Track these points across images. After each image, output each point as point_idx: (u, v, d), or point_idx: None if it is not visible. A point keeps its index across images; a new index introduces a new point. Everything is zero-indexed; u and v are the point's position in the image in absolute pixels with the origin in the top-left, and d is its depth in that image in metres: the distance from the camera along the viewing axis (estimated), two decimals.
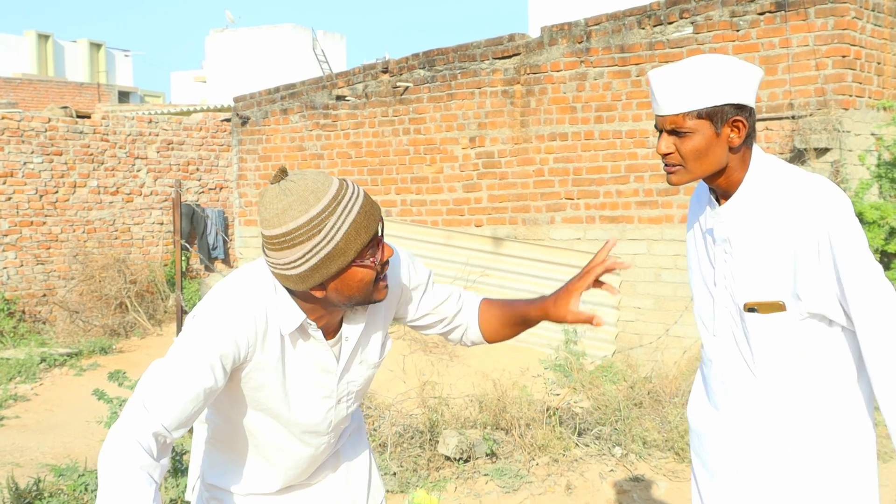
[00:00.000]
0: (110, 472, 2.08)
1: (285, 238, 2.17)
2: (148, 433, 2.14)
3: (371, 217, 2.22)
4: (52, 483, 5.25)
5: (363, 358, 2.49)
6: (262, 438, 2.48)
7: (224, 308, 2.27)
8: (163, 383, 2.20)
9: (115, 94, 35.00)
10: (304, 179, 2.19)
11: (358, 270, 2.23)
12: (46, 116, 13.78)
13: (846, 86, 8.49)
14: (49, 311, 13.54)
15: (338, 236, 2.17)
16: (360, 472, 2.74)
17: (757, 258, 2.41)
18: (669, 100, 2.34)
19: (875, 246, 8.00)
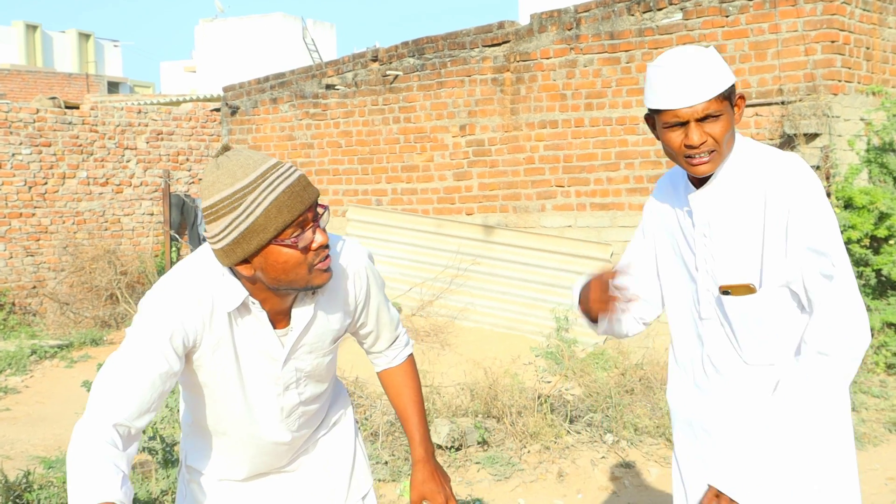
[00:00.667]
0: (76, 468, 2.11)
1: (211, 210, 2.21)
2: (109, 426, 2.18)
3: (298, 198, 2.21)
4: (42, 475, 5.24)
5: (313, 346, 2.48)
6: (225, 425, 2.53)
7: (167, 293, 2.32)
8: (118, 374, 2.24)
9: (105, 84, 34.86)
10: (238, 156, 2.23)
11: (281, 251, 2.23)
12: (35, 107, 13.72)
13: (835, 71, 8.48)
14: (39, 302, 13.51)
15: (257, 212, 2.18)
16: (341, 462, 2.74)
17: (732, 240, 2.47)
18: (700, 87, 2.37)
19: (865, 230, 8.01)
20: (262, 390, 2.48)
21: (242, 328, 2.38)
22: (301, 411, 2.56)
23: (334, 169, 12.06)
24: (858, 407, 7.03)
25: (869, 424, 6.75)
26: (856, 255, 8.16)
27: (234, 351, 2.40)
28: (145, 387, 2.24)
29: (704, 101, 2.37)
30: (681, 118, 2.40)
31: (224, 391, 2.46)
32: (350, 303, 2.52)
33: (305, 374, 2.51)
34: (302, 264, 2.25)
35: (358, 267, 2.51)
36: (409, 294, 11.01)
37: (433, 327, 10.49)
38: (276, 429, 2.54)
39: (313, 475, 2.70)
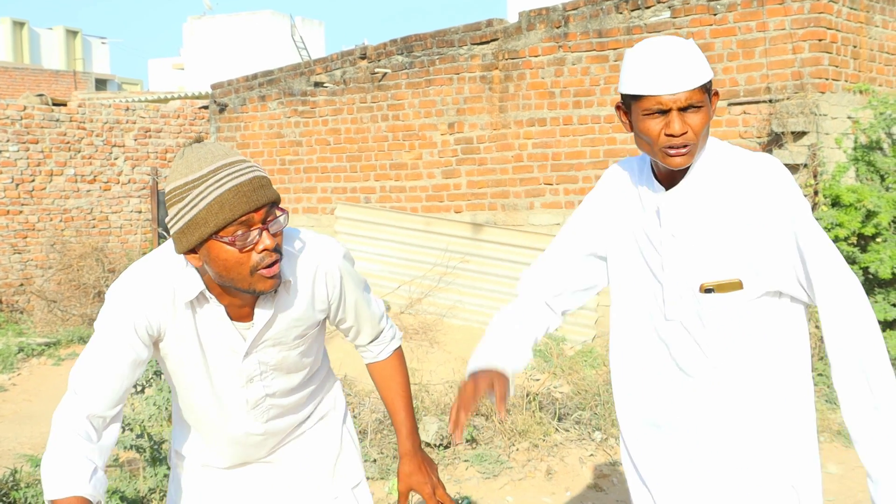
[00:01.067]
0: (48, 464, 2.25)
1: (168, 197, 2.26)
2: (81, 418, 2.31)
3: (244, 198, 2.21)
4: (29, 473, 5.22)
5: (277, 339, 2.49)
6: (198, 413, 2.59)
7: (130, 284, 2.38)
8: (86, 366, 2.35)
9: (92, 81, 34.75)
10: (202, 148, 2.27)
11: (222, 247, 2.24)
12: (22, 104, 13.67)
13: (823, 69, 8.51)
14: (27, 300, 13.47)
15: (200, 206, 2.20)
16: (325, 454, 2.75)
17: (711, 238, 2.40)
18: (685, 75, 2.30)
19: (852, 228, 8.04)
20: (227, 381, 2.51)
21: (204, 319, 2.42)
22: (269, 403, 2.58)
23: (322, 167, 12.04)
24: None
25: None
26: (843, 253, 8.18)
27: (199, 341, 2.43)
28: (113, 376, 2.35)
29: (688, 90, 2.30)
30: (663, 105, 2.31)
31: (192, 380, 2.51)
32: (320, 301, 2.52)
33: (271, 367, 2.53)
34: (243, 265, 2.26)
35: (329, 266, 2.50)
36: (397, 292, 11.01)
37: (422, 325, 10.49)
38: (244, 420, 2.57)
39: (295, 466, 2.72)
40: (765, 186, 2.37)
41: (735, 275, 2.39)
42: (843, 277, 2.33)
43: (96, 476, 2.24)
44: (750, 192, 2.37)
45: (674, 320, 2.47)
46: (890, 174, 8.60)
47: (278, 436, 2.66)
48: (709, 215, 2.40)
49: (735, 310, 2.41)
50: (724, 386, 2.44)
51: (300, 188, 12.28)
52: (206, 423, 2.59)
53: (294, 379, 2.60)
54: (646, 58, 2.33)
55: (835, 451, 6.35)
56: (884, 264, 7.92)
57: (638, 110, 2.37)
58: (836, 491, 5.73)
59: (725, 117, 8.96)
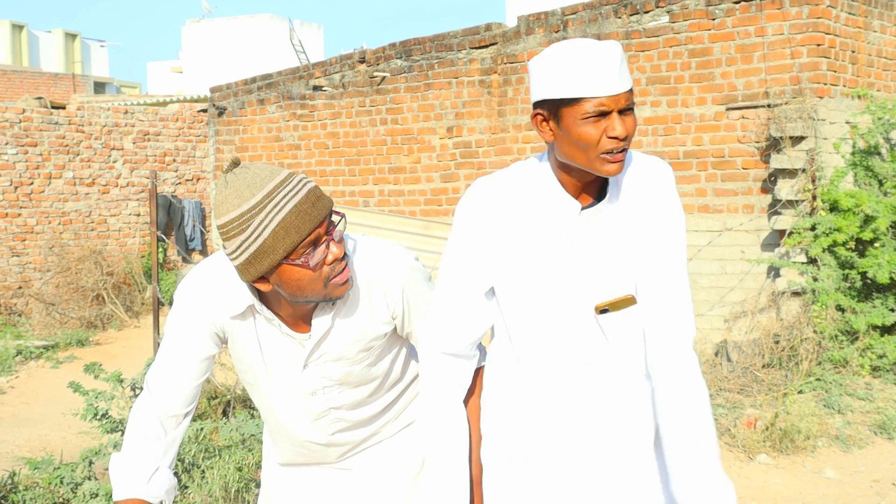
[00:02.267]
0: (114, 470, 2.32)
1: (223, 230, 2.21)
2: (153, 417, 2.37)
3: (306, 217, 2.17)
4: (28, 476, 5.21)
5: (339, 354, 2.42)
6: (265, 414, 2.59)
7: (196, 283, 2.40)
8: (160, 365, 2.40)
9: (91, 84, 34.76)
10: (247, 172, 2.20)
11: (293, 270, 2.21)
12: (21, 107, 13.67)
13: (821, 74, 8.52)
14: (25, 303, 13.46)
15: (265, 234, 2.16)
16: (406, 468, 2.62)
17: (615, 256, 2.31)
18: (624, 74, 2.19)
19: (850, 233, 8.04)
20: (287, 391, 2.47)
21: (263, 327, 2.40)
22: (335, 416, 2.51)
23: (321, 170, 12.05)
24: (844, 409, 7.05)
25: (854, 427, 6.78)
26: (841, 257, 8.20)
27: (259, 348, 2.42)
28: (188, 376, 2.40)
29: (627, 90, 2.18)
30: (605, 107, 2.16)
31: (256, 383, 2.51)
32: (381, 312, 2.42)
33: (336, 382, 2.46)
34: (317, 280, 2.23)
35: (390, 277, 2.40)
36: None
37: None
38: (306, 429, 2.52)
39: (371, 475, 2.60)
40: (661, 193, 2.32)
41: (627, 290, 2.31)
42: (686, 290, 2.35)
43: (157, 476, 2.30)
44: (648, 200, 2.31)
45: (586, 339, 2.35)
46: (888, 179, 8.61)
47: (348, 445, 2.57)
48: (618, 231, 2.31)
49: (633, 322, 2.34)
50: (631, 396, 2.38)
51: None
52: (272, 422, 2.58)
53: (363, 391, 2.51)
54: (581, 59, 2.16)
55: (833, 455, 6.36)
56: (882, 269, 7.93)
57: (574, 115, 2.18)
58: (835, 496, 5.74)
59: (724, 122, 8.97)
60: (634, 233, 2.31)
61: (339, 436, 2.55)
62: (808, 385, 7.46)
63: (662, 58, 9.32)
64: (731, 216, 8.96)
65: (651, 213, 2.32)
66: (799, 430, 6.40)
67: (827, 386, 7.45)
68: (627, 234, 2.31)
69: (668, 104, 9.31)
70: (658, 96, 9.36)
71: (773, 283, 8.58)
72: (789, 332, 7.95)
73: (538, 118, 2.28)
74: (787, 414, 6.63)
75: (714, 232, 8.99)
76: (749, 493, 5.81)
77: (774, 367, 7.83)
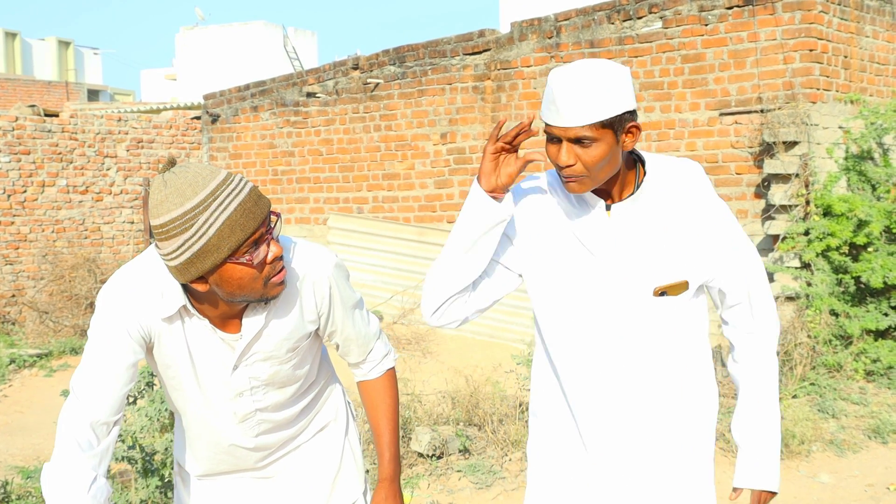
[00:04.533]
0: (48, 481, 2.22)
1: (161, 230, 2.19)
2: (84, 426, 2.28)
3: (250, 215, 2.19)
4: (21, 485, 5.20)
5: (269, 353, 2.44)
6: (188, 420, 2.55)
7: (118, 288, 2.36)
8: (86, 371, 2.32)
9: (85, 92, 34.72)
10: (186, 172, 2.20)
11: (235, 268, 2.22)
12: (14, 115, 13.65)
13: (814, 79, 8.54)
14: (18, 311, 13.43)
15: (210, 232, 2.16)
16: (324, 469, 2.69)
17: (659, 243, 2.45)
18: (576, 110, 2.30)
19: (844, 238, 8.06)
20: (216, 392, 2.47)
21: (193, 329, 2.38)
22: (260, 418, 2.53)
23: (315, 177, 12.04)
24: (838, 414, 7.06)
25: (849, 431, 6.78)
26: (835, 262, 8.20)
27: (188, 350, 2.40)
28: (116, 382, 2.32)
29: (577, 126, 2.31)
30: (554, 133, 2.37)
31: (182, 387, 2.47)
32: (310, 311, 2.47)
33: (263, 382, 2.48)
34: (257, 279, 2.25)
35: (319, 275, 2.45)
36: (390, 302, 11.00)
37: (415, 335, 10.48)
38: (232, 432, 2.53)
39: (291, 482, 2.66)
40: (696, 190, 2.47)
41: (683, 276, 2.46)
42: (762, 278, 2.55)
43: (96, 485, 2.21)
44: (684, 197, 2.46)
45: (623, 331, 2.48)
46: (881, 184, 8.63)
47: (270, 448, 2.61)
48: (653, 222, 2.45)
49: (680, 309, 2.49)
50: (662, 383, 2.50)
51: (293, 198, 12.27)
52: (194, 428, 2.55)
53: (286, 392, 2.54)
54: (553, 84, 2.33)
55: (827, 460, 6.36)
56: (875, 274, 7.94)
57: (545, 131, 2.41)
58: (830, 500, 5.74)
59: (717, 127, 8.98)
60: (670, 226, 2.45)
61: (264, 438, 2.57)
62: (803, 390, 7.46)
63: (655, 63, 9.33)
64: None
65: (688, 207, 2.46)
66: (793, 434, 6.40)
67: (821, 390, 7.46)
68: (660, 227, 2.45)
69: (661, 110, 9.32)
70: (651, 102, 9.37)
71: None
72: (783, 336, 7.96)
73: None
74: (782, 419, 6.64)
75: None
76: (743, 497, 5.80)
77: None
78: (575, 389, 2.55)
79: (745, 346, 2.57)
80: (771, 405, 2.56)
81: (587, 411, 2.53)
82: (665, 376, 2.50)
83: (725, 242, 2.49)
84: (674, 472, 2.54)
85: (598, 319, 2.48)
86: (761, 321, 2.56)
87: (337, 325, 2.55)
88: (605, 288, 2.47)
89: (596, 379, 2.51)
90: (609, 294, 2.46)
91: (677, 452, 2.54)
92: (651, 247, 2.45)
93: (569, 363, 2.55)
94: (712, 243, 2.47)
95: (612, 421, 2.52)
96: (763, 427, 2.55)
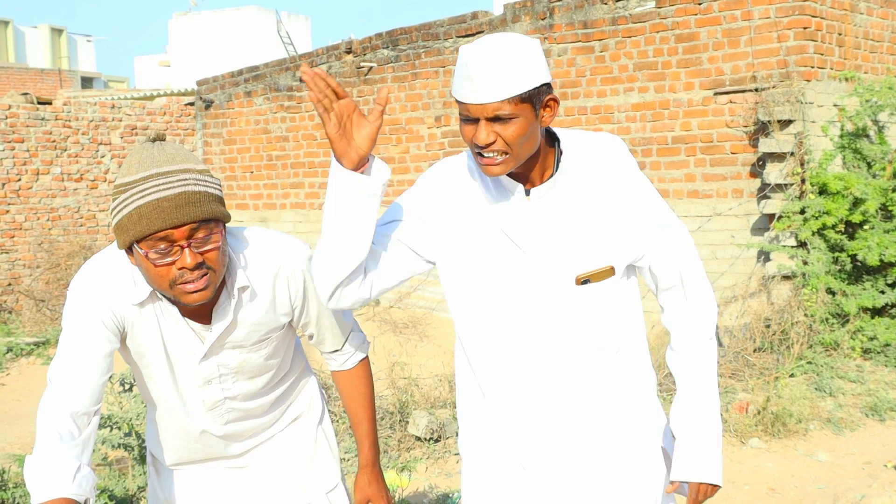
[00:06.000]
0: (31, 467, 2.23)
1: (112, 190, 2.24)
2: (64, 416, 2.27)
3: (163, 214, 2.16)
4: (18, 473, 5.20)
5: (237, 343, 2.45)
6: (161, 409, 2.55)
7: (90, 276, 2.35)
8: (63, 361, 2.33)
9: (78, 79, 34.62)
10: (148, 150, 2.23)
11: (142, 258, 2.22)
12: (7, 103, 13.60)
13: (808, 57, 8.51)
14: (15, 300, 13.41)
15: (123, 212, 2.19)
16: (297, 458, 2.70)
17: (581, 228, 2.34)
18: (492, 85, 2.18)
19: (840, 216, 8.05)
20: (186, 380, 2.47)
21: (165, 316, 2.38)
22: (229, 406, 2.53)
23: (310, 161, 12.02)
24: (835, 392, 7.06)
25: (846, 409, 6.79)
26: (831, 240, 8.20)
27: (161, 337, 2.40)
28: (93, 371, 2.32)
29: (495, 102, 2.18)
30: (470, 114, 2.22)
31: (154, 374, 2.47)
32: (282, 304, 2.47)
33: (232, 371, 2.48)
34: (162, 277, 2.23)
35: (293, 267, 2.45)
36: None
37: (411, 319, 10.48)
38: (202, 419, 2.53)
39: (268, 471, 2.67)
40: (617, 167, 2.37)
41: (607, 262, 2.35)
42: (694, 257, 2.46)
43: (80, 474, 2.21)
44: (605, 175, 2.35)
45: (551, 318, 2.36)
46: (877, 161, 8.61)
47: (241, 437, 2.61)
48: (574, 205, 2.34)
49: (611, 293, 2.38)
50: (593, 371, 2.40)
51: (287, 184, 12.25)
52: (166, 417, 2.55)
53: (257, 382, 2.54)
54: (464, 61, 2.21)
55: (825, 438, 6.36)
56: (871, 251, 7.93)
57: (460, 114, 2.27)
58: (827, 478, 5.74)
59: (711, 107, 8.96)
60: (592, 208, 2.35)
61: (233, 426, 2.57)
62: (800, 368, 7.47)
63: (649, 43, 9.30)
64: (720, 201, 8.95)
65: (611, 185, 2.36)
66: (791, 413, 6.40)
67: (818, 369, 7.46)
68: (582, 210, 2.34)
69: (655, 90, 9.29)
70: (645, 82, 9.34)
71: (764, 268, 8.59)
72: (780, 315, 7.96)
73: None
74: (779, 398, 6.64)
75: (703, 217, 8.99)
76: (741, 477, 5.81)
77: (766, 351, 7.84)
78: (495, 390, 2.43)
79: (681, 332, 2.47)
80: (709, 394, 2.45)
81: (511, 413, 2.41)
82: (594, 367, 2.39)
83: (651, 221, 2.38)
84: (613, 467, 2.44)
85: (518, 312, 2.36)
86: (695, 304, 2.46)
87: (311, 317, 2.55)
88: (525, 278, 2.34)
89: (517, 376, 2.39)
90: (530, 285, 2.34)
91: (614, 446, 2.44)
92: (573, 232, 2.33)
93: (486, 360, 2.42)
94: (637, 222, 2.37)
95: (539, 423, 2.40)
96: (701, 418, 2.43)
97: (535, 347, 2.37)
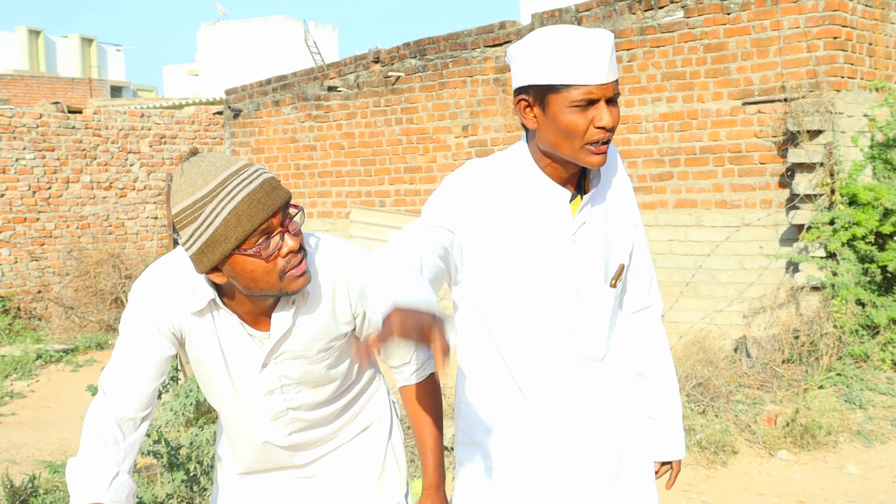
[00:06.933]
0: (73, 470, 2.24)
1: (177, 218, 2.18)
2: (110, 421, 2.28)
3: (259, 206, 2.14)
4: (48, 480, 5.24)
5: (299, 353, 2.39)
6: (224, 416, 2.54)
7: (149, 283, 2.34)
8: (115, 367, 2.33)
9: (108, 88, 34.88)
10: (202, 162, 2.18)
11: (246, 260, 2.17)
12: (38, 112, 13.72)
13: (838, 67, 8.46)
14: (44, 307, 13.52)
15: (216, 223, 2.13)
16: (366, 471, 2.62)
17: (609, 231, 2.37)
18: (611, 64, 2.15)
19: (869, 227, 7.99)
20: (247, 390, 2.43)
21: (223, 324, 2.35)
22: (292, 417, 2.48)
23: (337, 171, 12.05)
24: (865, 404, 7.00)
25: (876, 422, 6.73)
26: (861, 251, 8.14)
27: (220, 346, 2.37)
28: (144, 378, 2.32)
29: (613, 81, 2.16)
30: (593, 96, 2.14)
31: (215, 382, 2.45)
32: (343, 312, 2.40)
33: (294, 381, 2.42)
34: (271, 272, 2.19)
35: (353, 274, 2.37)
36: None
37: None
38: (265, 430, 2.48)
39: (333, 482, 2.59)
40: (620, 170, 2.43)
41: (622, 261, 2.42)
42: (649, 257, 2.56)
43: (118, 480, 2.22)
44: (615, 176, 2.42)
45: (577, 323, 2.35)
46: None
47: (306, 447, 2.55)
48: (603, 208, 2.36)
49: (619, 294, 2.46)
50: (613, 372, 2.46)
51: (315, 192, 12.29)
52: (230, 424, 2.53)
53: (322, 393, 2.48)
54: (571, 45, 2.13)
55: (855, 451, 6.31)
56: None
57: (562, 103, 2.16)
58: (857, 492, 5.69)
59: (740, 117, 8.92)
60: (616, 214, 2.40)
61: (298, 436, 2.52)
62: (829, 380, 7.41)
63: (678, 53, 9.28)
64: (748, 211, 8.91)
65: (619, 187, 2.42)
66: (820, 425, 6.36)
67: (848, 381, 7.40)
68: (611, 217, 2.39)
69: (683, 99, 9.27)
70: (674, 92, 9.32)
71: (792, 279, 8.53)
72: (809, 327, 7.90)
73: (522, 104, 2.25)
74: (808, 409, 6.59)
75: (732, 227, 8.95)
76: (770, 489, 5.77)
77: (794, 362, 7.78)
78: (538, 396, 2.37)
79: (640, 322, 2.57)
80: (672, 377, 2.60)
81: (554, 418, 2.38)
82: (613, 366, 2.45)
83: (636, 220, 2.47)
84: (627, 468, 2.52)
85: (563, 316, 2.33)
86: (654, 296, 2.57)
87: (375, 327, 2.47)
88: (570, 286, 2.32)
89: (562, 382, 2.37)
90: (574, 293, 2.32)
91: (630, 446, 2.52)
92: (605, 235, 2.36)
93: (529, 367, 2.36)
94: (633, 221, 2.46)
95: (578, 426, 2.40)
96: (673, 402, 2.60)
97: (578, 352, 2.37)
